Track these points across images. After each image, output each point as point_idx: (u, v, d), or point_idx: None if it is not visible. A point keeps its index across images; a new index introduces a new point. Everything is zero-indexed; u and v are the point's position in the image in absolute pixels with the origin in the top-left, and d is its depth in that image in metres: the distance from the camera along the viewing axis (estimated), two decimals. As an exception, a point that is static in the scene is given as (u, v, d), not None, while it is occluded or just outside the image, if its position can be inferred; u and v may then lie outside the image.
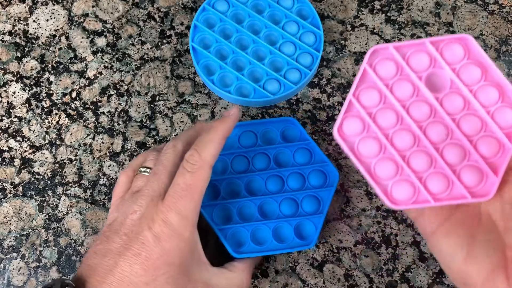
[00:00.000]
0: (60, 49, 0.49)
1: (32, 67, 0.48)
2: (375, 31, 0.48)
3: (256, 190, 0.42)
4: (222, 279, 0.36)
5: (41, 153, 0.46)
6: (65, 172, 0.45)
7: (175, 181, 0.34)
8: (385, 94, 0.31)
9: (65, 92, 0.47)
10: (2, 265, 0.43)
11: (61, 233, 0.44)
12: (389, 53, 0.31)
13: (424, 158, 0.30)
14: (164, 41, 0.49)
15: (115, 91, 0.47)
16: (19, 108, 0.47)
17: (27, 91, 0.48)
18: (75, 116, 0.47)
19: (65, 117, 0.47)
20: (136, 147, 0.46)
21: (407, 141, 0.31)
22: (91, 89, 0.47)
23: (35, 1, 0.50)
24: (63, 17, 0.50)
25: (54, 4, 0.50)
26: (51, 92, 0.47)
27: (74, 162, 0.45)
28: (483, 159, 0.30)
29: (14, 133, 0.46)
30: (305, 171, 0.41)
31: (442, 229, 0.30)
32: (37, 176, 0.45)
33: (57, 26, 0.49)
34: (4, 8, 0.50)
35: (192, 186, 0.34)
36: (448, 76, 0.31)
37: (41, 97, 0.47)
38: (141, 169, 0.37)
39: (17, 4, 0.50)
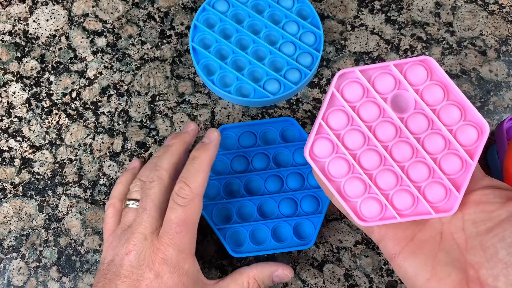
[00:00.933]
0: (60, 49, 0.49)
1: (32, 67, 0.48)
2: (375, 31, 0.48)
3: (256, 190, 0.42)
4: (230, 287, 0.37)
5: (41, 153, 0.46)
6: (65, 172, 0.45)
7: (167, 217, 0.34)
8: (352, 116, 0.32)
9: (65, 92, 0.47)
10: (2, 265, 0.43)
11: (61, 233, 0.44)
12: (356, 76, 0.32)
13: (390, 177, 0.32)
14: (164, 41, 0.49)
15: (115, 91, 0.47)
16: (19, 108, 0.47)
17: (27, 91, 0.48)
18: (75, 116, 0.47)
19: (65, 117, 0.47)
20: (136, 147, 0.46)
21: (374, 160, 0.32)
22: (91, 89, 0.47)
23: (35, 1, 0.50)
24: (63, 17, 0.50)
25: (54, 4, 0.50)
26: (51, 92, 0.47)
27: (74, 162, 0.45)
28: (447, 176, 0.31)
29: (14, 133, 0.46)
30: (305, 171, 0.41)
31: (406, 250, 0.30)
32: (37, 176, 0.45)
33: (57, 26, 0.49)
34: (4, 8, 0.50)
35: (186, 220, 0.34)
36: (412, 97, 0.32)
37: (41, 97, 0.47)
38: (127, 202, 0.37)
39: (17, 4, 0.50)
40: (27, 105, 0.47)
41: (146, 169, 0.39)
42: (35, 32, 0.49)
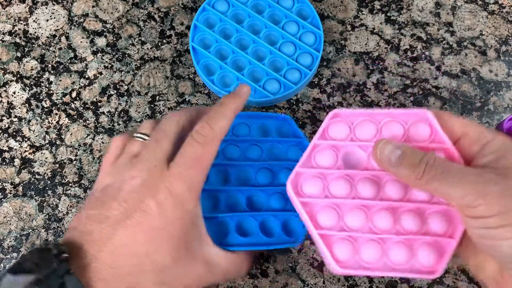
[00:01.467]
0: (60, 49, 0.49)
1: (32, 67, 0.48)
2: (375, 31, 0.48)
3: (246, 180, 0.41)
4: (222, 259, 0.35)
5: (41, 153, 0.46)
6: (65, 172, 0.45)
7: (183, 150, 0.32)
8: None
9: (65, 92, 0.47)
10: (2, 265, 0.43)
11: (61, 233, 0.44)
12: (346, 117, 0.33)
13: (374, 246, 0.31)
14: (164, 41, 0.49)
15: (115, 91, 0.47)
16: (19, 108, 0.47)
17: (27, 91, 0.48)
18: (75, 116, 0.47)
19: (65, 117, 0.47)
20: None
21: (358, 219, 0.32)
22: (91, 89, 0.47)
23: (35, 1, 0.50)
24: (63, 17, 0.50)
25: (54, 4, 0.50)
26: (51, 92, 0.47)
27: (74, 162, 0.45)
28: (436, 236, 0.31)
29: (14, 133, 0.46)
30: None
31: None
32: (37, 176, 0.45)
33: (57, 26, 0.49)
34: (4, 8, 0.50)
35: (202, 158, 0.32)
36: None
37: (41, 97, 0.47)
38: (135, 134, 0.34)
39: (17, 4, 0.50)
40: (27, 105, 0.47)
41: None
42: (35, 32, 0.49)
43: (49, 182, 0.45)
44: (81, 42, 0.49)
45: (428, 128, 0.32)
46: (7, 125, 0.47)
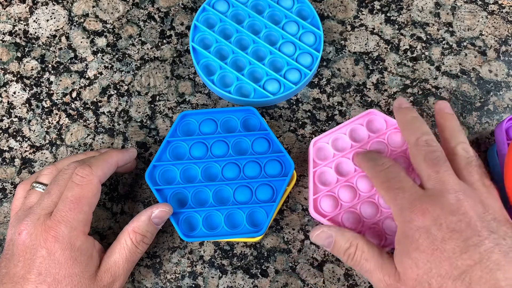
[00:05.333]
0: (60, 49, 0.49)
1: (32, 67, 0.48)
2: (375, 31, 0.48)
3: (213, 176, 0.42)
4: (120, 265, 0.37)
5: (42, 153, 0.46)
6: (65, 172, 0.45)
7: (63, 196, 0.36)
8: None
9: (65, 92, 0.47)
10: (2, 265, 0.43)
11: (61, 233, 0.44)
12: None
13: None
14: (164, 41, 0.49)
15: (115, 91, 0.47)
16: (20, 108, 0.47)
17: (27, 91, 0.48)
18: (75, 116, 0.47)
19: (65, 117, 0.47)
20: (136, 147, 0.46)
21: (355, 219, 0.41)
22: (91, 89, 0.47)
23: (35, 1, 0.50)
24: (63, 17, 0.50)
25: (54, 4, 0.50)
26: (51, 92, 0.47)
27: (74, 162, 0.46)
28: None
29: (15, 133, 0.46)
30: (262, 160, 0.42)
31: None
32: (37, 176, 0.45)
33: (57, 26, 0.49)
34: (4, 8, 0.50)
35: (81, 199, 0.35)
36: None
37: (41, 97, 0.47)
38: (33, 184, 0.38)
39: (18, 4, 0.50)
40: (27, 105, 0.47)
41: (68, 160, 0.40)
42: (35, 32, 0.49)
43: (49, 182, 0.45)
44: (81, 42, 0.49)
45: (383, 121, 0.42)
46: (7, 125, 0.47)
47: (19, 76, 0.48)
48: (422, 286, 0.30)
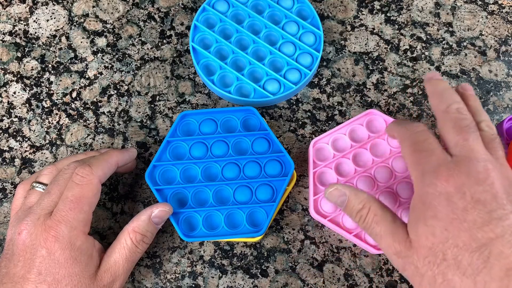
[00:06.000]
0: (60, 49, 0.49)
1: (32, 67, 0.48)
2: (375, 31, 0.48)
3: (213, 176, 0.42)
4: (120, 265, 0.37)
5: (42, 153, 0.46)
6: (65, 172, 0.45)
7: (63, 196, 0.36)
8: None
9: (65, 92, 0.47)
10: (2, 265, 0.43)
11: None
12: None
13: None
14: (164, 41, 0.49)
15: (115, 91, 0.47)
16: (20, 108, 0.47)
17: (27, 91, 0.48)
18: (76, 116, 0.47)
19: (66, 117, 0.47)
20: (136, 147, 0.46)
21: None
22: (92, 89, 0.47)
23: (35, 1, 0.50)
24: (64, 17, 0.50)
25: (54, 4, 0.50)
26: (52, 92, 0.47)
27: (74, 162, 0.46)
28: None
29: (15, 133, 0.46)
30: (262, 160, 0.42)
31: None
32: (37, 176, 0.45)
33: (58, 26, 0.49)
34: (4, 8, 0.50)
35: (81, 198, 0.35)
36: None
37: (42, 97, 0.47)
38: (34, 184, 0.38)
39: (18, 4, 0.50)
40: (27, 105, 0.47)
41: (68, 160, 0.40)
42: (36, 32, 0.49)
43: (49, 182, 0.45)
44: (81, 42, 0.49)
45: (383, 121, 0.43)
46: (7, 125, 0.47)
47: (19, 76, 0.48)
48: (435, 256, 0.29)
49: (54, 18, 0.50)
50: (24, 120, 0.47)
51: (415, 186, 0.32)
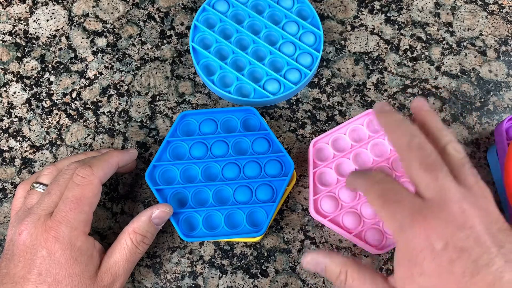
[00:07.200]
0: (60, 49, 0.49)
1: (32, 67, 0.48)
2: (375, 31, 0.48)
3: (213, 176, 0.42)
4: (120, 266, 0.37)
5: (42, 153, 0.46)
6: (65, 172, 0.45)
7: (64, 196, 0.36)
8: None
9: (65, 92, 0.47)
10: (2, 265, 0.43)
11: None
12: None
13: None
14: (164, 41, 0.49)
15: (115, 91, 0.47)
16: (20, 108, 0.47)
17: (27, 91, 0.48)
18: (76, 116, 0.47)
19: (66, 117, 0.47)
20: (136, 147, 0.46)
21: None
22: (92, 89, 0.47)
23: (35, 1, 0.50)
24: (64, 17, 0.50)
25: (54, 4, 0.50)
26: (52, 92, 0.47)
27: (74, 162, 0.46)
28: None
29: (15, 133, 0.46)
30: (262, 160, 0.42)
31: None
32: (37, 176, 0.45)
33: (58, 26, 0.49)
34: (4, 8, 0.50)
35: (82, 199, 0.35)
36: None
37: (42, 97, 0.47)
38: (34, 184, 0.38)
39: (18, 4, 0.50)
40: (27, 105, 0.47)
41: (68, 160, 0.40)
42: (36, 32, 0.49)
43: (49, 182, 0.45)
44: (81, 42, 0.49)
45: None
46: (7, 125, 0.47)
47: (19, 76, 0.48)
48: None
49: (54, 18, 0.50)
50: (24, 120, 0.47)
51: (396, 240, 0.31)
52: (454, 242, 0.28)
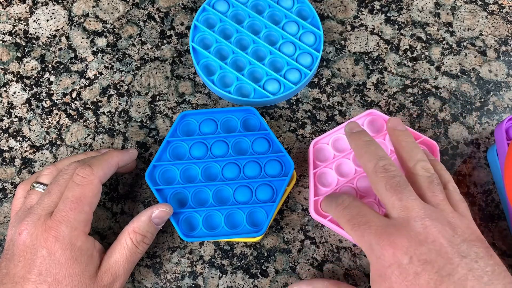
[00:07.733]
0: (60, 49, 0.49)
1: (32, 67, 0.48)
2: (375, 31, 0.48)
3: (213, 176, 0.42)
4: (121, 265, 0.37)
5: (42, 153, 0.46)
6: (65, 172, 0.45)
7: (64, 196, 0.36)
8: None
9: (65, 92, 0.47)
10: (2, 265, 0.43)
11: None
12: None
13: None
14: (164, 41, 0.49)
15: (115, 91, 0.47)
16: (20, 108, 0.47)
17: (27, 91, 0.48)
18: (76, 116, 0.47)
19: (66, 117, 0.47)
20: (136, 147, 0.46)
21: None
22: (92, 89, 0.47)
23: (35, 1, 0.50)
24: (64, 17, 0.50)
25: (54, 5, 0.50)
26: (52, 92, 0.47)
27: (74, 162, 0.46)
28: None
29: (15, 133, 0.46)
30: (262, 160, 0.42)
31: None
32: (37, 176, 0.45)
33: (58, 26, 0.49)
34: (4, 8, 0.50)
35: (82, 198, 0.35)
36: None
37: (42, 97, 0.47)
38: (34, 184, 0.39)
39: (18, 4, 0.50)
40: (27, 105, 0.47)
41: (68, 160, 0.40)
42: (36, 32, 0.49)
43: (49, 182, 0.45)
44: (81, 42, 0.49)
45: (383, 121, 0.43)
46: (7, 125, 0.47)
47: (19, 76, 0.48)
48: None
49: (54, 18, 0.50)
50: (24, 120, 0.47)
51: (369, 260, 0.32)
52: (417, 256, 0.29)
